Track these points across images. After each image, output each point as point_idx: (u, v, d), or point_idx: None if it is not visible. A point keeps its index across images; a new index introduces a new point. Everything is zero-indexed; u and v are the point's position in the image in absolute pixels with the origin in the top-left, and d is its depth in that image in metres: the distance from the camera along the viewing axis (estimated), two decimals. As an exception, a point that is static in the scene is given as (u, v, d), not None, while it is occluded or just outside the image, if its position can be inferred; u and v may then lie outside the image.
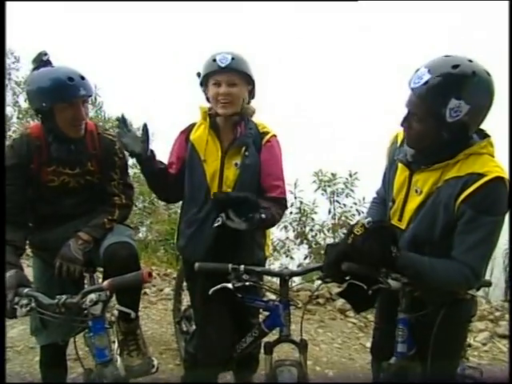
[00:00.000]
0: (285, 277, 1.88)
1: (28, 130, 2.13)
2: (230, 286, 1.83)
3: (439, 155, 1.61)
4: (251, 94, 2.23)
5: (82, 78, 2.00)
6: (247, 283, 1.82)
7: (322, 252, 6.66)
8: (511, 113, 1.69)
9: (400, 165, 1.77)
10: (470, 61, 1.49)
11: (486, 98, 1.51)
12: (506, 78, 1.64)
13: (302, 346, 1.88)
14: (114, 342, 2.25)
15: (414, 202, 1.69)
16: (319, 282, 1.83)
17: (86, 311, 1.53)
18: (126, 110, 2.21)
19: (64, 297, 1.56)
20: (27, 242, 2.16)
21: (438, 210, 1.61)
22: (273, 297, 2.42)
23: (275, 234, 6.02)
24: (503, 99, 1.62)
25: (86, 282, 2.28)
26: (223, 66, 2.10)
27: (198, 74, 2.18)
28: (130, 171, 7.94)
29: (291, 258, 6.41)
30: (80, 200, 2.19)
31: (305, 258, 6.48)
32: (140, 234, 6.87)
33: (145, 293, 4.36)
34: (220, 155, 2.19)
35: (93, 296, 1.51)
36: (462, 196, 1.53)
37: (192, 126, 2.28)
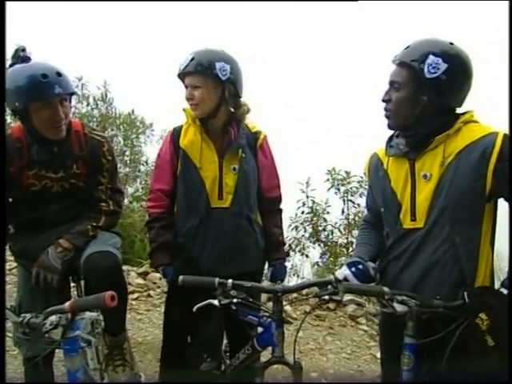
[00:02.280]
0: (277, 293, 1.71)
1: (9, 131, 2.00)
2: (215, 302, 1.67)
3: (428, 129, 1.57)
4: (230, 94, 2.06)
5: (59, 74, 1.84)
6: (235, 300, 1.66)
7: (338, 250, 6.55)
8: (511, 112, 1.59)
9: (394, 162, 1.69)
10: (451, 43, 1.56)
11: (464, 66, 1.54)
12: (506, 78, 1.63)
13: (296, 369, 1.71)
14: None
15: (426, 190, 1.58)
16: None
17: (46, 334, 1.39)
18: (138, 107, 2.13)
19: (28, 316, 1.43)
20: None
21: (463, 180, 1.53)
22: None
23: (286, 234, 5.88)
24: (503, 99, 1.60)
25: (74, 290, 2.18)
26: (182, 68, 2.03)
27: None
28: (143, 168, 7.86)
29: (306, 256, 6.28)
30: (64, 206, 2.06)
31: (320, 257, 6.33)
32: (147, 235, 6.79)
33: (148, 295, 4.26)
34: (217, 160, 2.07)
35: (53, 318, 1.37)
36: (494, 156, 1.49)
37: (177, 131, 2.13)
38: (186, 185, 2.09)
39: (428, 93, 1.54)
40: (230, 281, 1.68)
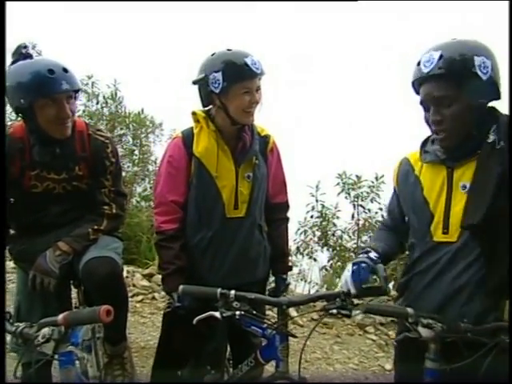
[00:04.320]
0: (282, 306, 1.63)
1: (10, 130, 1.95)
2: (217, 315, 1.59)
3: (472, 141, 1.47)
4: None
5: (66, 70, 1.79)
6: (237, 312, 1.58)
7: (347, 255, 6.45)
8: (511, 111, 1.51)
9: (429, 169, 1.57)
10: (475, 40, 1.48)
11: (496, 58, 1.45)
12: (506, 78, 1.52)
13: (301, 386, 1.63)
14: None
15: (462, 201, 1.46)
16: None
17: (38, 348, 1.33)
18: (147, 106, 2.03)
19: (22, 325, 1.37)
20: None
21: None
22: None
23: (295, 237, 5.80)
24: (503, 99, 1.50)
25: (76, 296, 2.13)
26: (259, 72, 1.89)
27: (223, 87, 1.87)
28: (151, 167, 7.83)
29: (314, 259, 6.20)
30: (66, 208, 2.00)
31: (328, 261, 6.25)
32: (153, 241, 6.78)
33: (153, 297, 4.21)
34: (234, 169, 1.97)
35: (46, 331, 1.31)
36: None
37: (188, 136, 1.99)
38: (199, 195, 1.97)
39: (486, 94, 1.44)
40: (232, 292, 1.60)
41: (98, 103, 6.87)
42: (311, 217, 5.47)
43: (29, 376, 2.06)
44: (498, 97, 1.48)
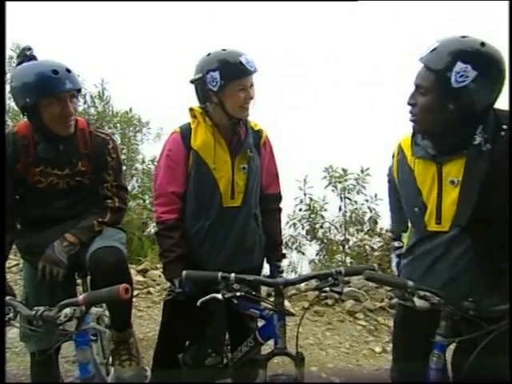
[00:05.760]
0: (279, 286, 1.76)
1: (15, 129, 2.03)
2: (219, 296, 1.71)
3: (455, 138, 1.51)
4: None
5: (68, 70, 1.89)
6: (238, 293, 1.70)
7: (335, 248, 6.60)
8: (511, 112, 1.54)
9: (421, 163, 1.63)
10: (483, 43, 1.43)
11: (495, 70, 1.42)
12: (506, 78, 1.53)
13: (299, 359, 1.76)
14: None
15: (452, 195, 1.54)
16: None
17: (60, 326, 1.43)
18: (134, 105, 2.11)
19: (42, 308, 1.46)
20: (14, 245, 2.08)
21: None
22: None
23: (284, 231, 5.93)
24: (503, 99, 1.51)
25: (80, 286, 2.21)
26: (252, 69, 2.01)
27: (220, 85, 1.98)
28: (139, 166, 7.87)
29: (303, 253, 6.34)
30: (70, 202, 2.09)
31: (317, 254, 6.39)
32: (148, 229, 6.83)
33: (148, 292, 4.29)
34: (230, 160, 2.09)
35: (67, 311, 1.41)
36: None
37: (186, 130, 2.11)
38: (197, 186, 2.08)
39: (455, 102, 1.44)
40: (232, 275, 1.72)
41: (85, 103, 6.90)
42: (300, 210, 5.62)
43: (39, 363, 2.17)
44: (475, 107, 1.45)
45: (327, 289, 1.70)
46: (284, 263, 6.31)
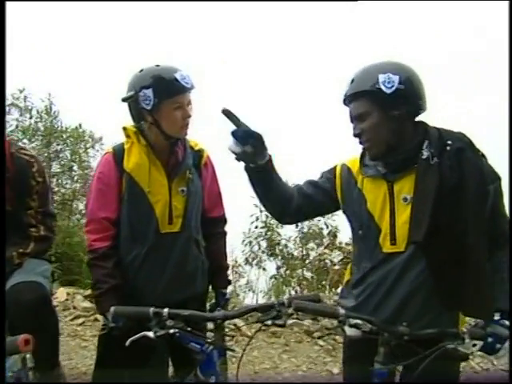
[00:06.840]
0: (217, 321, 1.61)
1: None
2: (151, 334, 1.55)
3: (410, 145, 1.55)
4: None
5: None
6: (171, 331, 1.54)
7: (296, 262, 6.54)
8: (511, 111, 1.62)
9: (370, 182, 1.62)
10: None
11: (411, 73, 1.55)
12: (506, 77, 1.64)
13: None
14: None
15: (406, 212, 1.52)
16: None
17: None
18: (84, 120, 1.93)
19: None
20: None
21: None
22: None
23: (243, 248, 5.82)
24: (503, 99, 1.60)
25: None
26: (189, 86, 1.87)
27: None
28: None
29: (263, 269, 6.26)
30: None
31: (277, 269, 6.32)
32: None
33: (95, 319, 4.03)
34: (167, 184, 1.94)
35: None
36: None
37: (119, 151, 1.94)
38: (131, 211, 1.93)
39: (396, 106, 1.52)
40: (165, 310, 1.56)
41: (31, 118, 6.58)
42: (256, 227, 5.51)
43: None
44: (415, 108, 1.56)
45: (269, 322, 1.57)
46: (241, 282, 6.19)
